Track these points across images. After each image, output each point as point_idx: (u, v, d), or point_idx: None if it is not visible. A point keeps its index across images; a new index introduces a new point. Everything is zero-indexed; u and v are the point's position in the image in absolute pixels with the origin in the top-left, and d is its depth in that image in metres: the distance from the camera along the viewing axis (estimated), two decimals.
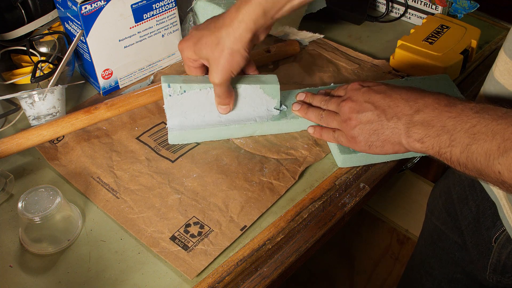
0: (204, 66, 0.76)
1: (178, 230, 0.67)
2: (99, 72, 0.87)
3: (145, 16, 0.87)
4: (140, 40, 0.89)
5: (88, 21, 0.82)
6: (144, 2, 0.86)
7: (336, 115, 0.73)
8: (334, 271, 1.48)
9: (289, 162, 0.76)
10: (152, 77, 0.94)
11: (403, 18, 1.10)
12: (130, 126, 0.82)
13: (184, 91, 0.75)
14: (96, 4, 0.81)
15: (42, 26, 0.94)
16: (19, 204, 0.65)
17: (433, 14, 1.04)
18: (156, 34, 0.91)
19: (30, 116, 0.79)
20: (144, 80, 0.93)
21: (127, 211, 0.70)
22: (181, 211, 0.69)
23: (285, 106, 0.81)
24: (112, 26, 0.85)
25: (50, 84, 0.80)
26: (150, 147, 0.78)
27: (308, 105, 0.79)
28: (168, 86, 0.75)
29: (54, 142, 0.80)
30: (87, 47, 0.84)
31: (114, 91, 0.91)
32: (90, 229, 0.69)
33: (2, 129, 0.82)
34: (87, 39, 0.83)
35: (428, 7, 1.05)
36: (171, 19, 0.92)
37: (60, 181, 0.75)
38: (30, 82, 0.87)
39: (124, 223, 0.68)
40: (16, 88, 0.91)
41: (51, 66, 0.90)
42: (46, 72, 0.86)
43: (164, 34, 0.92)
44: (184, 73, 0.79)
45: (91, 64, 0.86)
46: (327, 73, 0.93)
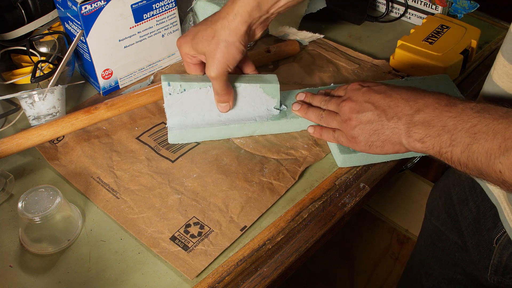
0: (202, 63, 0.76)
1: (178, 230, 0.67)
2: (99, 72, 0.87)
3: (145, 16, 0.87)
4: (140, 40, 0.89)
5: (88, 21, 0.82)
6: (144, 2, 0.86)
7: (336, 115, 0.73)
8: (334, 271, 1.48)
9: (289, 162, 0.76)
10: (152, 77, 0.94)
11: (403, 18, 1.10)
12: (130, 126, 0.82)
13: (184, 89, 0.75)
14: (96, 4, 0.81)
15: (42, 26, 0.94)
16: (19, 204, 0.65)
17: (433, 14, 1.04)
18: (156, 34, 0.91)
19: (30, 116, 0.79)
20: (144, 80, 0.93)
21: (127, 211, 0.70)
22: (181, 211, 0.69)
23: (285, 106, 0.81)
24: (112, 26, 0.85)
25: (50, 84, 0.80)
26: (150, 147, 0.78)
27: (308, 105, 0.79)
28: (168, 84, 0.75)
29: (54, 142, 0.80)
30: (87, 47, 0.84)
31: (114, 91, 0.91)
32: (90, 229, 0.69)
33: (2, 129, 0.82)
34: (87, 39, 0.83)
35: (428, 7, 1.05)
36: (171, 19, 0.92)
37: (60, 181, 0.75)
38: (30, 82, 0.87)
39: (124, 223, 0.68)
40: (16, 88, 0.91)
41: (51, 66, 0.89)
42: (46, 72, 0.86)
43: (164, 34, 0.92)
44: (184, 73, 0.79)
45: (91, 64, 0.86)
46: (327, 73, 0.93)
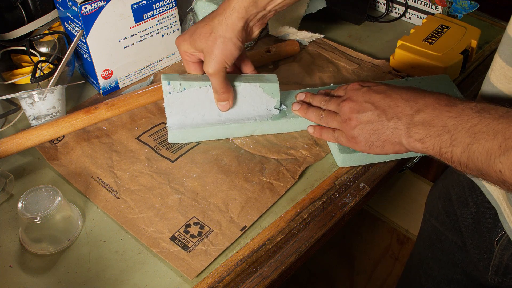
0: (202, 61, 0.76)
1: (178, 230, 0.67)
2: (99, 72, 0.87)
3: (145, 16, 0.87)
4: (140, 40, 0.89)
5: (88, 21, 0.82)
6: (144, 2, 0.86)
7: (336, 115, 0.73)
8: (334, 271, 1.48)
9: (289, 162, 0.76)
10: (152, 77, 0.94)
11: (403, 18, 1.10)
12: (130, 126, 0.82)
13: (184, 88, 0.76)
14: (96, 4, 0.81)
15: (42, 26, 0.94)
16: (19, 204, 0.65)
17: (433, 14, 1.04)
18: (156, 34, 0.91)
19: (30, 116, 0.79)
20: (144, 80, 0.93)
21: (127, 211, 0.70)
22: (181, 211, 0.69)
23: (285, 105, 0.81)
24: (112, 26, 0.85)
25: (50, 84, 0.80)
26: (150, 147, 0.78)
27: (308, 105, 0.79)
28: (168, 83, 0.75)
29: (54, 142, 0.79)
30: (87, 47, 0.84)
31: (114, 91, 0.91)
32: (90, 229, 0.69)
33: (2, 129, 0.82)
34: (87, 39, 0.83)
35: (428, 7, 1.05)
36: (171, 19, 0.92)
37: (60, 181, 0.75)
38: (30, 82, 0.87)
39: (124, 223, 0.68)
40: (16, 88, 0.91)
41: (51, 66, 0.89)
42: (46, 72, 0.86)
43: (164, 34, 0.92)
44: (185, 73, 0.79)
45: (91, 64, 0.86)
46: (327, 73, 0.93)
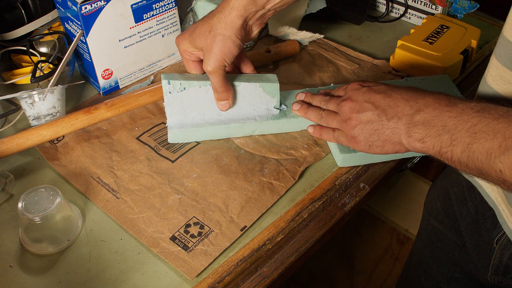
0: (202, 60, 0.76)
1: (178, 230, 0.67)
2: (99, 72, 0.87)
3: (145, 16, 0.87)
4: (140, 40, 0.89)
5: (88, 21, 0.82)
6: (144, 2, 0.86)
7: (336, 115, 0.73)
8: (334, 271, 1.48)
9: (289, 162, 0.76)
10: (152, 77, 0.94)
11: (403, 18, 1.10)
12: (130, 126, 0.82)
13: (184, 88, 0.76)
14: (96, 4, 0.81)
15: (42, 26, 0.94)
16: (19, 204, 0.65)
17: (433, 14, 1.04)
18: (156, 34, 0.91)
19: (30, 116, 0.79)
20: (144, 80, 0.93)
21: (127, 211, 0.70)
22: (181, 211, 0.69)
23: (285, 105, 0.81)
24: (112, 26, 0.85)
25: (50, 84, 0.80)
26: (150, 147, 0.78)
27: (308, 104, 0.79)
28: (168, 83, 0.75)
29: (54, 142, 0.79)
30: (87, 47, 0.84)
31: (114, 91, 0.91)
32: (90, 229, 0.69)
33: (2, 129, 0.82)
34: (87, 39, 0.83)
35: (428, 7, 1.05)
36: (171, 19, 0.92)
37: (60, 181, 0.75)
38: (30, 82, 0.87)
39: (124, 223, 0.68)
40: (16, 88, 0.91)
41: (51, 66, 0.89)
42: (46, 72, 0.86)
43: (164, 34, 0.92)
44: (185, 73, 0.79)
45: (91, 64, 0.86)
46: (327, 73, 0.93)
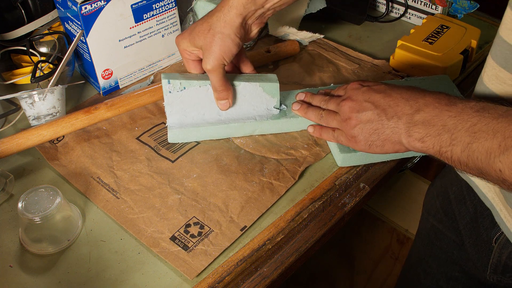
0: (201, 60, 0.76)
1: (178, 230, 0.67)
2: (99, 72, 0.87)
3: (145, 16, 0.87)
4: (140, 40, 0.89)
5: (88, 21, 0.82)
6: (144, 2, 0.86)
7: (336, 115, 0.73)
8: (334, 271, 1.48)
9: (289, 162, 0.76)
10: (152, 77, 0.94)
11: (403, 18, 1.10)
12: (130, 126, 0.82)
13: (184, 87, 0.76)
14: (96, 4, 0.81)
15: (42, 26, 0.94)
16: (19, 204, 0.65)
17: (433, 14, 1.04)
18: (156, 34, 0.91)
19: (30, 116, 0.79)
20: (144, 80, 0.93)
21: (127, 211, 0.70)
22: (181, 211, 0.69)
23: (285, 105, 0.81)
24: (112, 26, 0.85)
25: (50, 84, 0.80)
26: (150, 147, 0.78)
27: (308, 104, 0.79)
28: (168, 82, 0.75)
29: (54, 142, 0.79)
30: (87, 47, 0.84)
31: (114, 91, 0.91)
32: (90, 229, 0.69)
33: (2, 129, 0.82)
34: (87, 39, 0.83)
35: (428, 7, 1.05)
36: (171, 19, 0.92)
37: (60, 181, 0.75)
38: (30, 82, 0.87)
39: (124, 223, 0.68)
40: (16, 88, 0.91)
41: (51, 66, 0.89)
42: (46, 72, 0.86)
43: (164, 34, 0.92)
44: (185, 73, 0.79)
45: (91, 64, 0.86)
46: (327, 73, 0.93)
